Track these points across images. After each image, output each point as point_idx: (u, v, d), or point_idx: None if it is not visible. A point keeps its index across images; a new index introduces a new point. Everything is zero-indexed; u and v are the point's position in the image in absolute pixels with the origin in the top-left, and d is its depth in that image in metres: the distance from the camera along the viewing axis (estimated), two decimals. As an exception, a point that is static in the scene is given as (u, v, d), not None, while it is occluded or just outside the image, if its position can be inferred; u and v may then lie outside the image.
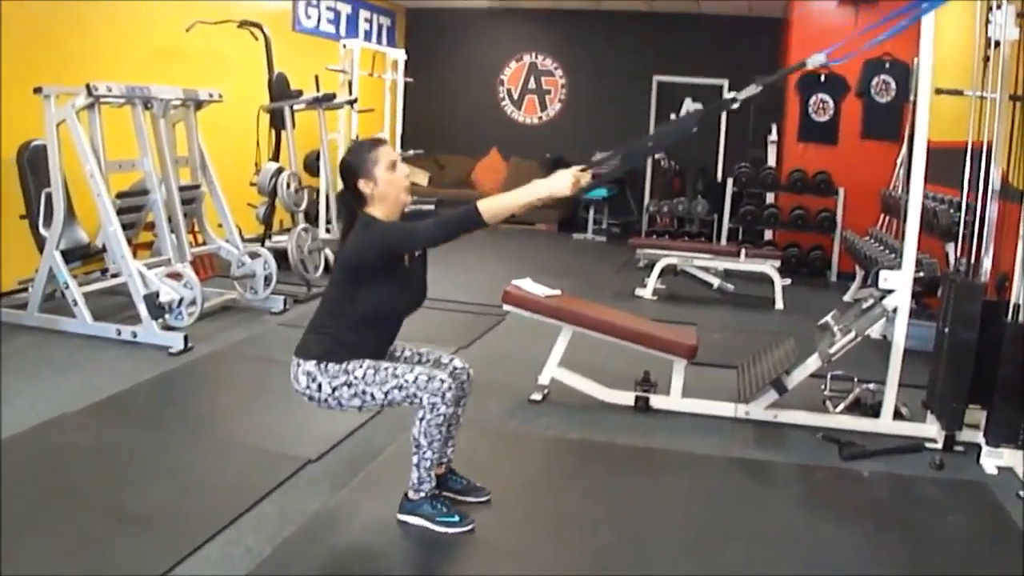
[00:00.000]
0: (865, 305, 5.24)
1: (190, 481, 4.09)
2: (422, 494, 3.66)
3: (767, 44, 12.41)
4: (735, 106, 3.90)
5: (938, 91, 5.28)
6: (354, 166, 3.56)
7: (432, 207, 4.03)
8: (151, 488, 3.97)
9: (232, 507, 3.78)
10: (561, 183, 3.43)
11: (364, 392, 3.54)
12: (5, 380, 5.32)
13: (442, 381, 3.51)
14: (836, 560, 3.65)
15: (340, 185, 3.67)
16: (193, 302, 6.42)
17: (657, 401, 5.35)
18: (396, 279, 3.58)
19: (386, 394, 3.53)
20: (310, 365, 3.56)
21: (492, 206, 3.38)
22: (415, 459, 3.63)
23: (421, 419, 3.54)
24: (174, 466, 4.25)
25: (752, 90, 3.94)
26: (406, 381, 3.50)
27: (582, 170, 3.49)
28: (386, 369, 3.53)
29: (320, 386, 3.56)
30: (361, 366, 3.53)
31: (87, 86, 6.19)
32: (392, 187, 3.55)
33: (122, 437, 4.57)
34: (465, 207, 3.39)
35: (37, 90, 6.30)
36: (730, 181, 10.96)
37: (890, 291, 5.03)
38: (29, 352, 5.95)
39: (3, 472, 4.05)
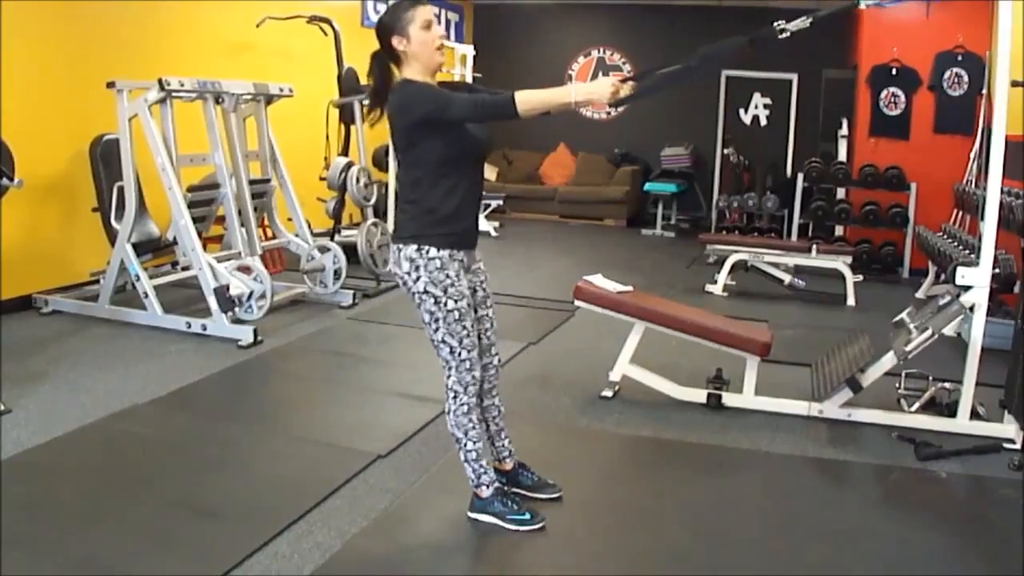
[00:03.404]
0: (941, 302, 5.14)
1: (259, 474, 4.12)
2: (485, 489, 3.67)
3: (836, 37, 12.21)
4: (784, 36, 3.85)
5: (1014, 83, 5.15)
6: (388, 23, 3.48)
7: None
8: (220, 481, 4.00)
9: (301, 501, 3.79)
10: (600, 89, 3.38)
11: (436, 321, 3.51)
12: (77, 370, 5.45)
13: (474, 377, 3.58)
14: (914, 562, 3.57)
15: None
16: (263, 295, 6.47)
17: (729, 399, 5.28)
18: (453, 126, 3.45)
19: (442, 339, 3.53)
20: (411, 250, 3.48)
21: (528, 98, 3.31)
22: (461, 455, 3.67)
23: (448, 412, 3.61)
24: (243, 459, 4.28)
25: (802, 23, 3.91)
26: (459, 353, 3.53)
27: (623, 81, 3.42)
28: (464, 327, 3.51)
29: (418, 279, 3.47)
30: (457, 301, 3.48)
31: (159, 80, 6.26)
32: (425, 47, 3.46)
33: (191, 429, 4.62)
34: (503, 94, 3.35)
35: (110, 84, 6.39)
36: (800, 176, 10.78)
37: (968, 288, 4.91)
38: (100, 344, 6.05)
39: (75, 462, 4.16)
